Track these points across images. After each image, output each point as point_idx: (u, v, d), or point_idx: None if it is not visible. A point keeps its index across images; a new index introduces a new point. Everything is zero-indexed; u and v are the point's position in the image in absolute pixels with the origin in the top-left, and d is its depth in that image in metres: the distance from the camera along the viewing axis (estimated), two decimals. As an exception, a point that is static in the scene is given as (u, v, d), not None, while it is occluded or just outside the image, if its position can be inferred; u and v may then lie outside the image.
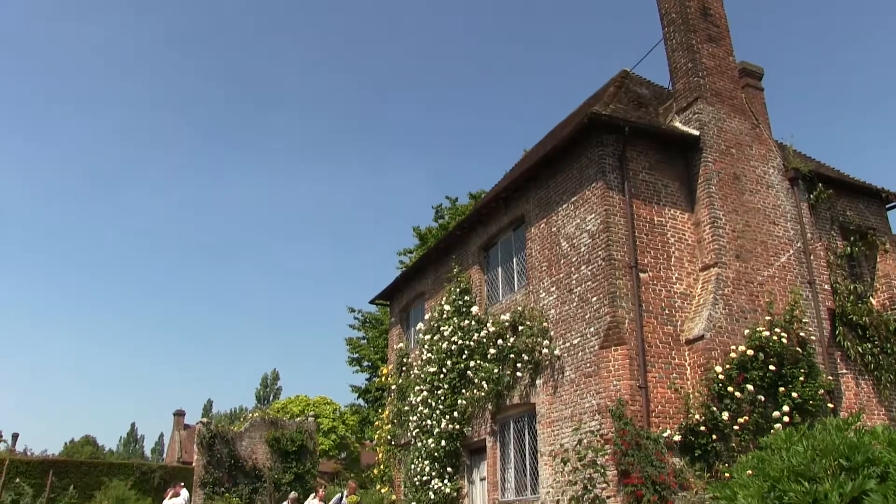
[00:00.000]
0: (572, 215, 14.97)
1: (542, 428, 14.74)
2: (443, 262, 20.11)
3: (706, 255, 14.40)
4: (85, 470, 30.41)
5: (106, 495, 26.45)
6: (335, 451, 48.55)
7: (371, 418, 34.77)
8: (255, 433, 29.29)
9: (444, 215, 35.37)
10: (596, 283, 13.96)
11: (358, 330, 38.17)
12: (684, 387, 13.47)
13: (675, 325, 13.93)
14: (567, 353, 14.42)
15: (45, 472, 17.28)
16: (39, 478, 22.81)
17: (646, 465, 12.19)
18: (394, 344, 23.13)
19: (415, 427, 19.15)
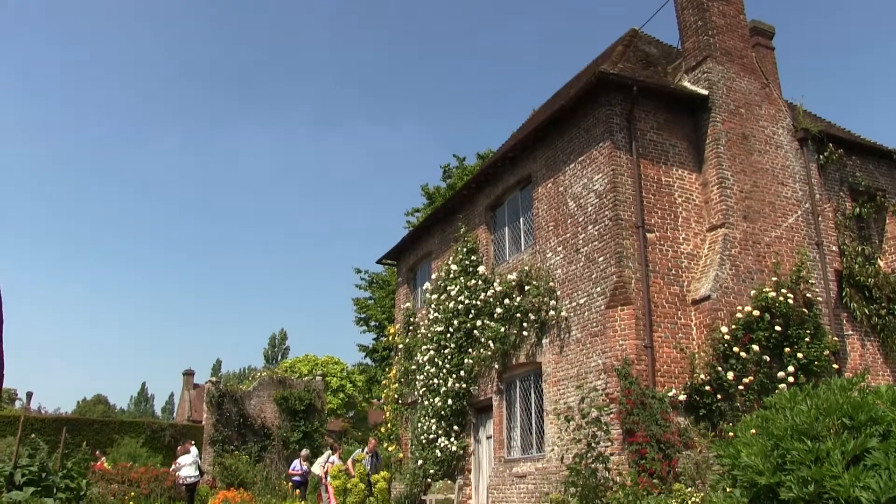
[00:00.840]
0: (579, 175, 14.90)
1: (548, 387, 14.84)
2: (450, 221, 20.09)
3: (713, 216, 14.34)
4: (97, 428, 30.86)
5: (118, 452, 26.87)
6: (343, 409, 49.06)
7: (378, 377, 35.02)
8: (264, 392, 29.59)
9: (451, 175, 35.24)
10: (603, 242, 13.94)
11: (365, 290, 38.30)
12: (690, 347, 13.51)
13: (681, 286, 13.93)
14: (573, 312, 14.45)
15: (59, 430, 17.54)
16: (53, 435, 23.16)
17: (651, 424, 12.28)
18: (401, 304, 23.22)
19: (422, 386, 19.30)
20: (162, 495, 15.64)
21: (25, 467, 10.92)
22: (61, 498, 10.94)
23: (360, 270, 38.09)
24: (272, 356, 79.24)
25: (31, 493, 10.33)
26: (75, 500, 11.46)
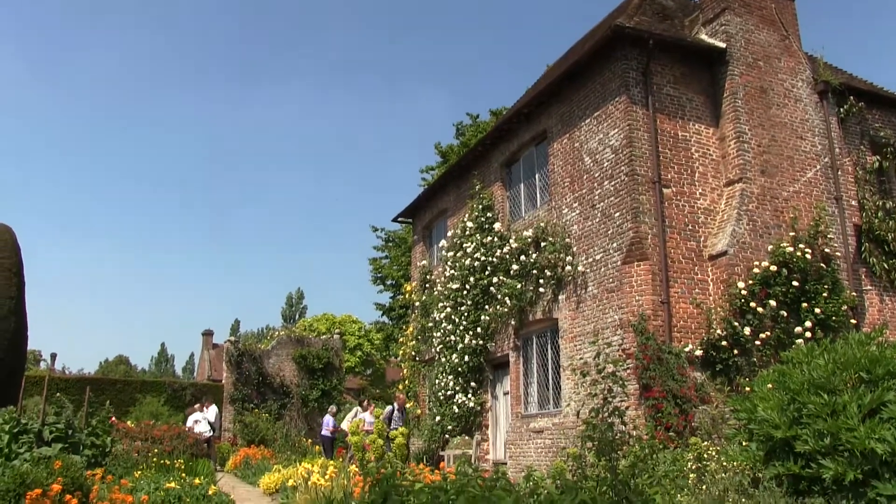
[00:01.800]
0: (595, 130, 14.79)
1: (565, 343, 14.91)
2: (465, 178, 20.03)
3: (731, 171, 14.22)
4: (119, 387, 31.32)
5: (140, 411, 27.28)
6: (361, 367, 49.51)
7: (395, 335, 35.29)
8: (282, 351, 29.88)
9: (465, 133, 35.05)
10: (619, 198, 13.88)
11: (381, 249, 38.41)
12: (706, 302, 13.50)
13: (698, 241, 13.88)
14: (590, 268, 14.45)
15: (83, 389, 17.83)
16: (77, 394, 23.52)
17: (667, 379, 12.34)
18: (417, 261, 23.28)
19: (439, 343, 19.43)
20: (184, 452, 15.88)
21: (52, 425, 11.14)
22: (88, 454, 11.16)
23: (376, 229, 38.19)
24: (290, 315, 79.83)
25: (59, 448, 10.55)
26: (101, 456, 11.69)
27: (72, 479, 7.91)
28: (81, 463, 9.66)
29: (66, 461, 8.54)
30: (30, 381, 21.34)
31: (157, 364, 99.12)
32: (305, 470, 12.19)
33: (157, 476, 11.13)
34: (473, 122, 35.06)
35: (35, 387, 22.19)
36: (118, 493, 7.76)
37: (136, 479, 10.48)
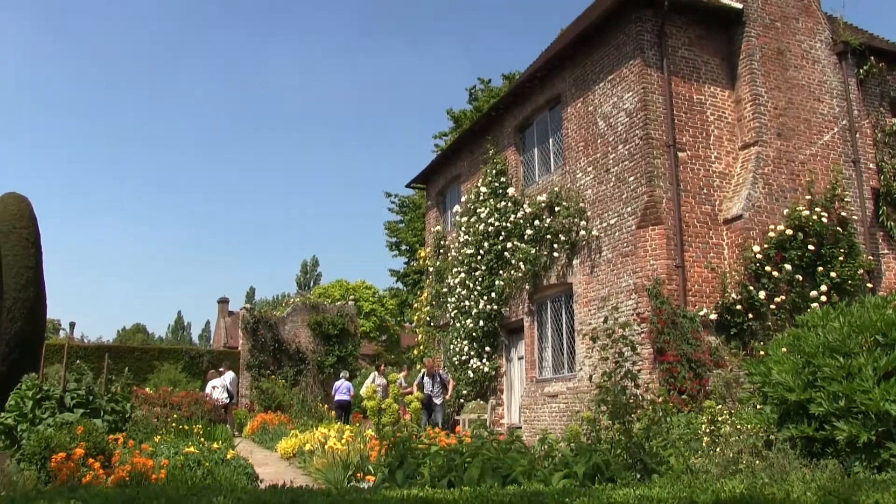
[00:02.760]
0: (609, 94, 14.66)
1: (579, 307, 14.93)
2: (478, 143, 19.94)
3: (746, 134, 14.09)
4: (138, 355, 31.70)
5: (159, 378, 27.62)
6: (376, 333, 49.76)
7: (410, 301, 35.40)
8: (298, 317, 30.04)
9: (477, 98, 34.82)
10: (633, 162, 13.80)
11: (395, 214, 38.43)
12: (721, 266, 13.46)
13: (713, 205, 13.80)
14: (604, 233, 14.42)
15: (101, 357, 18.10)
16: (96, 362, 23.81)
17: (681, 343, 12.36)
18: (431, 227, 23.28)
19: (453, 308, 19.49)
20: (203, 417, 16.08)
21: (73, 391, 11.29)
22: (108, 420, 11.32)
23: (389, 195, 38.16)
24: (304, 282, 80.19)
25: (81, 414, 10.71)
26: (121, 421, 11.85)
27: (94, 443, 8.06)
28: (103, 428, 9.81)
29: (87, 426, 8.68)
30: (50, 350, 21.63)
31: (174, 332, 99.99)
32: (322, 435, 12.34)
33: (177, 441, 11.28)
34: (486, 87, 34.81)
35: (55, 355, 22.48)
36: (139, 457, 7.88)
37: (156, 443, 10.62)
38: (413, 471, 6.62)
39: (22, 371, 14.27)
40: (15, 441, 10.19)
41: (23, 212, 19.01)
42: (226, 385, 21.50)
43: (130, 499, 3.92)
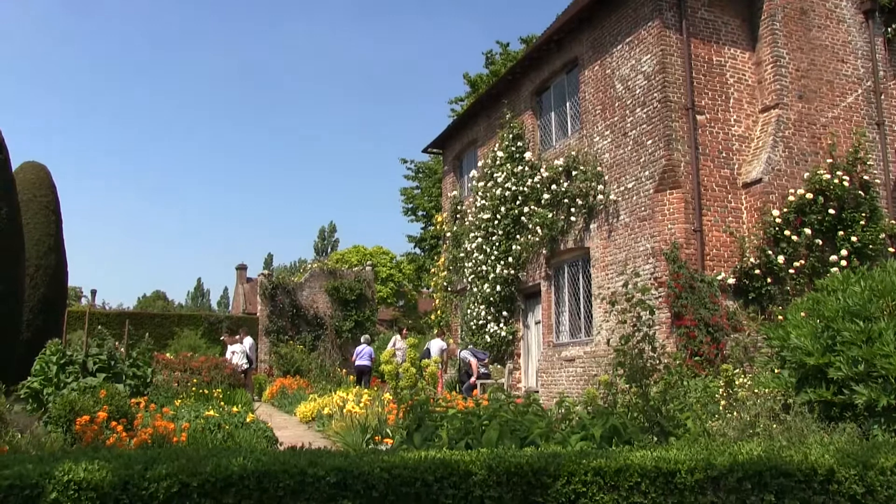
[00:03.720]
0: (627, 56, 14.49)
1: (597, 272, 14.91)
2: (495, 108, 19.80)
3: (767, 96, 13.90)
4: (158, 321, 31.98)
5: (179, 343, 27.86)
6: (393, 298, 49.97)
7: (427, 266, 35.47)
8: (315, 283, 30.21)
9: (494, 62, 34.50)
10: (651, 125, 13.68)
11: (412, 180, 38.35)
12: (740, 230, 13.38)
13: (732, 169, 13.68)
14: (621, 197, 14.35)
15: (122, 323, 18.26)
16: (117, 328, 24.05)
17: (699, 308, 12.33)
18: (447, 192, 23.24)
19: (470, 273, 19.52)
20: (222, 382, 16.26)
21: (96, 356, 11.46)
22: (130, 384, 11.48)
23: (406, 160, 38.06)
24: (322, 248, 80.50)
25: (103, 378, 10.87)
26: (143, 386, 12.02)
27: (116, 406, 8.18)
28: (125, 392, 9.95)
29: (110, 390, 8.81)
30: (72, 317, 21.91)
31: (194, 299, 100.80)
32: (341, 398, 12.45)
33: (197, 405, 11.43)
34: (503, 51, 34.47)
35: (77, 321, 22.73)
36: (161, 421, 8.00)
37: (177, 407, 10.77)
38: (431, 433, 6.68)
39: (46, 336, 14.48)
40: (42, 404, 10.38)
41: (42, 180, 19.17)
42: (245, 350, 21.72)
43: (152, 459, 3.98)
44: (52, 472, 3.64)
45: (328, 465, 4.02)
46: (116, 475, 3.72)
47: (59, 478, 3.62)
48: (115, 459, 3.97)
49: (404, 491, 4.03)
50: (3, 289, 14.22)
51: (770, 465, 4.41)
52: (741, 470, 4.37)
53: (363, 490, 3.98)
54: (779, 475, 4.40)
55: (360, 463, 4.09)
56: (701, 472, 4.33)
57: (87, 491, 3.63)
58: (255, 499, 3.86)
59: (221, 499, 3.82)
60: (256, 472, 3.90)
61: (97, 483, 3.65)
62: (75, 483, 3.62)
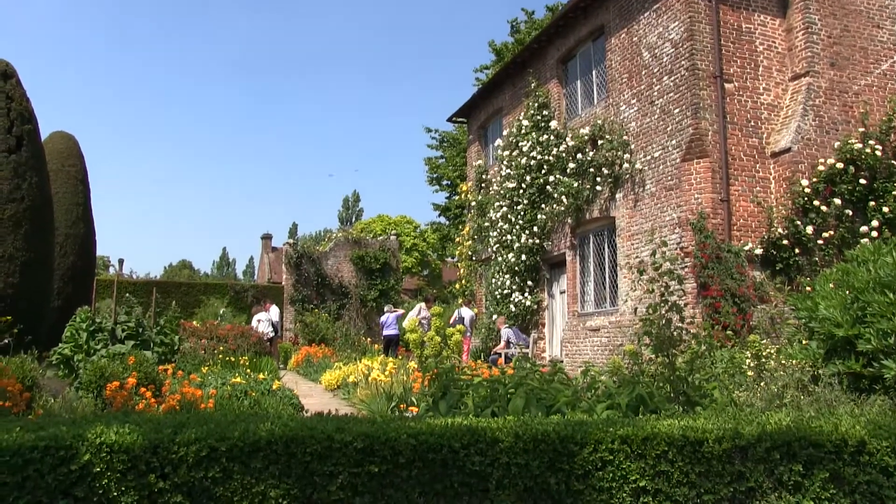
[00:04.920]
0: (654, 24, 14.27)
1: (622, 241, 14.83)
2: (520, 76, 19.63)
3: (797, 64, 13.64)
4: (184, 290, 32.26)
5: (205, 312, 28.15)
6: (417, 268, 50.06)
7: (452, 235, 35.46)
8: (340, 252, 30.32)
9: (520, 30, 34.16)
10: (678, 94, 13.49)
11: (436, 149, 38.24)
12: (768, 200, 13.22)
13: (760, 138, 13.48)
14: (648, 166, 14.21)
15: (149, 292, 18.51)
16: (145, 297, 24.35)
17: (725, 278, 12.23)
18: (472, 161, 23.15)
19: (495, 242, 19.49)
20: (248, 350, 16.42)
21: (124, 323, 11.61)
22: (158, 351, 11.63)
23: (430, 129, 37.95)
24: (346, 218, 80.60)
25: (132, 346, 11.02)
26: (170, 353, 12.17)
27: (145, 373, 8.29)
28: (153, 359, 10.08)
29: (138, 357, 8.93)
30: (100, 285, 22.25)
31: (219, 268, 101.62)
32: (366, 367, 12.53)
33: (224, 372, 11.56)
34: (529, 19, 34.11)
35: (105, 290, 23.02)
36: (188, 387, 8.09)
37: (204, 374, 10.90)
38: (456, 401, 6.69)
39: (76, 304, 14.70)
40: (72, 370, 10.55)
41: (70, 150, 19.33)
42: (271, 319, 21.91)
43: (181, 423, 4.04)
44: (85, 435, 3.71)
45: (355, 431, 4.05)
46: (147, 439, 3.77)
47: (91, 440, 3.68)
48: (145, 424, 4.03)
49: (431, 457, 4.05)
50: (34, 257, 14.41)
51: (799, 436, 4.39)
52: (769, 440, 4.35)
53: (390, 456, 4.01)
54: (808, 445, 4.37)
55: (387, 429, 4.11)
56: (729, 442, 4.32)
57: (119, 453, 3.69)
58: (283, 464, 3.90)
59: (249, 463, 3.86)
60: (284, 438, 3.94)
61: (128, 446, 3.71)
62: (107, 445, 3.68)
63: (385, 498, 3.99)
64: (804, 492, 4.32)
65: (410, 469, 4.03)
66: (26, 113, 15.05)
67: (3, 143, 14.43)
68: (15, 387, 6.95)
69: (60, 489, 3.60)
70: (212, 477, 3.80)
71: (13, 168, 14.37)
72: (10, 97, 14.88)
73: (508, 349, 16.64)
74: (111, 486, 3.65)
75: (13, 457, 3.55)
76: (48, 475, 3.59)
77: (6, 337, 11.28)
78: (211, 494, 3.81)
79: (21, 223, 14.27)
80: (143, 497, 3.70)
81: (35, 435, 3.70)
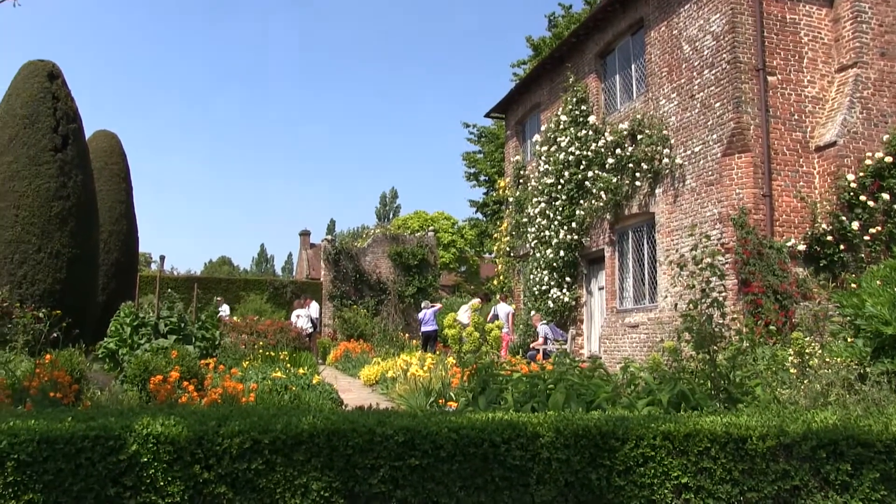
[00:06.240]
0: (695, 16, 14.09)
1: (662, 237, 14.69)
2: (558, 71, 19.53)
3: (844, 55, 13.38)
4: (224, 286, 32.60)
5: (245, 307, 28.45)
6: (455, 264, 50.10)
7: (489, 231, 35.43)
8: (378, 248, 30.44)
9: (557, 24, 34.00)
10: (720, 87, 13.32)
11: (474, 144, 38.24)
12: (811, 195, 13.00)
13: (804, 131, 13.26)
14: (688, 161, 14.06)
15: (190, 288, 18.75)
16: (186, 292, 24.68)
17: (767, 275, 12.06)
18: (510, 157, 23.09)
19: (533, 238, 19.43)
20: (288, 345, 16.58)
21: (166, 318, 11.80)
22: (199, 346, 11.80)
23: (468, 125, 38.08)
24: (384, 214, 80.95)
25: (174, 340, 11.20)
26: (211, 348, 12.33)
27: (187, 367, 8.41)
28: (195, 353, 10.22)
29: (181, 351, 9.07)
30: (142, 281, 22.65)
31: (258, 264, 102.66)
32: (404, 362, 12.57)
33: (264, 367, 11.67)
34: (566, 13, 33.94)
35: (147, 286, 23.37)
36: (229, 381, 8.18)
37: (245, 369, 11.02)
38: (496, 396, 6.70)
39: (119, 300, 14.96)
40: (117, 364, 10.75)
41: (113, 148, 19.68)
42: (310, 315, 22.08)
43: (225, 416, 4.10)
44: (133, 426, 3.79)
45: (396, 425, 4.07)
46: (192, 430, 3.83)
47: (139, 431, 3.76)
48: (189, 416, 4.10)
49: (472, 451, 4.05)
50: (80, 254, 14.70)
51: (847, 435, 4.31)
52: (815, 438, 4.28)
53: (431, 450, 4.02)
54: (856, 445, 4.29)
55: (428, 423, 4.13)
56: (773, 439, 4.26)
57: (165, 444, 3.75)
58: (325, 456, 3.93)
59: (292, 455, 3.90)
60: (326, 431, 3.97)
61: (174, 437, 3.78)
62: (154, 437, 3.75)
63: (426, 491, 4.01)
64: (852, 492, 4.24)
65: (451, 463, 4.04)
66: (71, 112, 15.36)
67: (50, 141, 14.74)
68: (65, 379, 7.11)
69: (110, 477, 3.70)
70: (255, 468, 3.85)
71: (59, 166, 14.67)
72: (56, 97, 15.19)
73: (546, 345, 16.60)
74: (158, 476, 3.73)
75: (66, 445, 3.67)
76: (99, 463, 3.69)
77: (55, 331, 11.54)
78: (254, 486, 3.86)
79: (67, 220, 14.57)
80: (189, 487, 3.77)
81: (86, 425, 3.80)
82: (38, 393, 6.75)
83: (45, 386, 6.88)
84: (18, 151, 14.48)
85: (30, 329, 12.39)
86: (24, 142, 14.55)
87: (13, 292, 13.67)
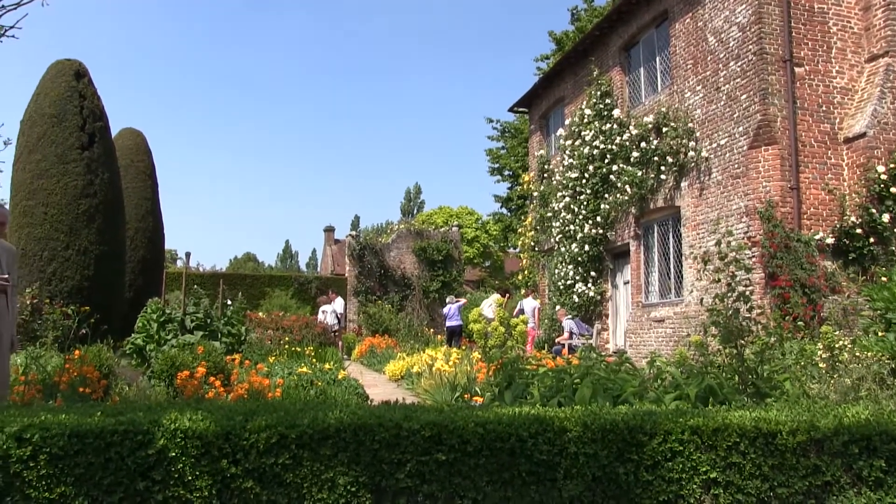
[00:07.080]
0: (721, 7, 13.95)
1: (687, 231, 14.58)
2: (581, 65, 19.42)
3: (875, 44, 13.17)
4: (249, 282, 32.84)
5: (270, 303, 28.63)
6: (479, 259, 50.06)
7: (514, 226, 35.36)
8: (402, 244, 30.51)
9: (580, 18, 33.81)
10: (746, 79, 13.18)
11: (497, 140, 38.15)
12: (840, 188, 12.84)
13: (832, 123, 13.09)
14: (714, 154, 13.93)
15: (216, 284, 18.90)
16: (212, 288, 24.88)
17: (795, 268, 11.93)
18: (534, 151, 23.02)
19: (558, 233, 19.36)
20: (313, 340, 16.65)
21: (193, 314, 11.88)
22: (225, 342, 11.87)
23: (491, 120, 37.92)
24: (408, 210, 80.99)
25: (201, 336, 11.28)
26: (237, 343, 12.40)
27: (214, 363, 8.46)
28: (221, 349, 10.28)
29: (207, 347, 9.12)
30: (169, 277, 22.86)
31: (283, 260, 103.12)
32: (429, 357, 12.58)
33: (290, 362, 11.73)
34: (589, 7, 33.75)
35: (174, 282, 23.60)
36: (255, 377, 8.22)
37: (271, 364, 11.07)
38: (522, 391, 6.68)
39: (146, 296, 15.10)
40: (145, 359, 10.86)
41: (139, 146, 19.87)
42: (335, 310, 22.18)
43: (252, 411, 4.11)
44: (160, 421, 3.81)
45: (423, 420, 4.06)
46: (219, 425, 3.85)
47: (166, 426, 3.78)
48: (216, 411, 4.11)
49: (498, 446, 4.04)
50: (107, 251, 14.86)
51: (880, 430, 4.23)
52: (847, 433, 4.21)
53: (457, 444, 4.01)
54: (890, 440, 4.22)
55: (455, 418, 4.11)
56: (804, 434, 4.20)
57: (193, 439, 3.77)
58: (352, 451, 3.93)
59: (318, 450, 3.91)
60: (352, 425, 3.97)
61: (201, 432, 3.80)
62: (181, 431, 3.77)
63: (452, 486, 4.00)
64: (887, 489, 4.17)
65: (478, 457, 4.02)
66: (97, 111, 15.51)
67: (77, 140, 14.91)
68: (94, 374, 7.19)
69: (139, 471, 3.72)
70: (282, 463, 3.86)
71: (86, 164, 14.83)
72: (82, 96, 15.35)
73: (571, 340, 16.55)
74: (186, 470, 3.75)
75: (96, 439, 3.70)
76: (128, 458, 3.72)
77: (84, 327, 11.67)
78: (281, 480, 3.87)
79: (94, 218, 14.73)
80: (217, 481, 3.79)
81: (115, 419, 3.84)
82: (68, 388, 6.83)
83: (74, 381, 6.96)
84: (47, 150, 14.66)
85: (59, 325, 12.57)
86: (52, 140, 14.73)
87: (42, 289, 13.85)
